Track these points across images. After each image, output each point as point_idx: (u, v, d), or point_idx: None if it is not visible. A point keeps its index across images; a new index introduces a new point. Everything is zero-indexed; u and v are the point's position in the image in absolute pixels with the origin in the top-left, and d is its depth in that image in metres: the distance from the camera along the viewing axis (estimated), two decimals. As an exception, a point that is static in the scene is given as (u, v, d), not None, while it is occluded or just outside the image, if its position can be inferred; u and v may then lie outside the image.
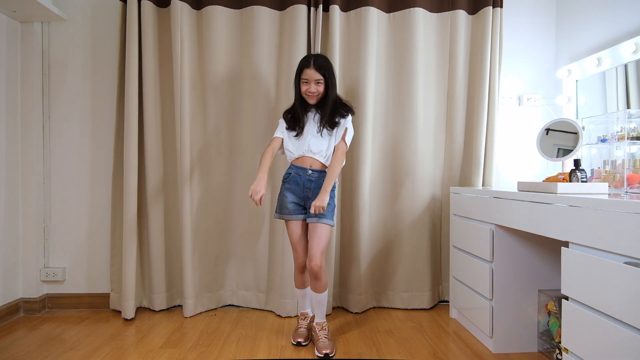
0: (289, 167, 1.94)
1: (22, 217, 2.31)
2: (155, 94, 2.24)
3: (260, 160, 1.88)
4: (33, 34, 2.29)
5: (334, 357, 1.77)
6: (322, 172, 1.89)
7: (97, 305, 2.39)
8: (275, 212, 1.95)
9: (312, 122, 1.93)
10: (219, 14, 2.25)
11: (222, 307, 2.41)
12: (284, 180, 1.93)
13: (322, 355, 1.76)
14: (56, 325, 2.14)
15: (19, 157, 2.30)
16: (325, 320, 1.91)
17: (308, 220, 1.88)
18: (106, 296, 2.37)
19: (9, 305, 2.22)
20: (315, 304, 1.91)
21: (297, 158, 1.92)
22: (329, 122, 1.89)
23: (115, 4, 2.30)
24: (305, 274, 1.95)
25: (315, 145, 1.89)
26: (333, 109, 1.90)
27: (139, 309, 2.33)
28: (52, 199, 2.39)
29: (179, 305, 2.38)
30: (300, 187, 1.89)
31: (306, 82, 1.88)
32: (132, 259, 2.20)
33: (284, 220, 1.95)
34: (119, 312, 2.28)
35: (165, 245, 2.32)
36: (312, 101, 1.90)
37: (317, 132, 1.90)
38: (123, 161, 2.22)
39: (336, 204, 2.07)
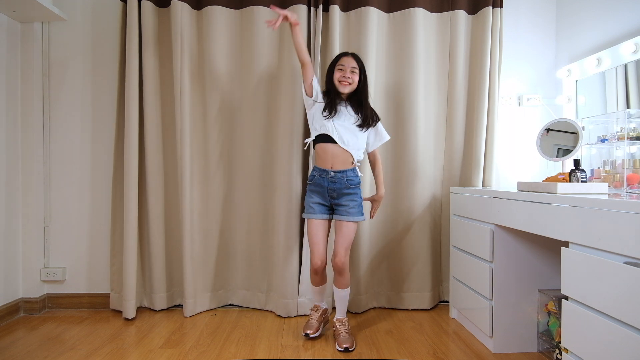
0: (313, 170, 1.98)
1: (22, 217, 2.31)
2: (155, 94, 2.25)
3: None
4: (33, 34, 2.29)
5: (336, 358, 1.77)
6: (343, 172, 1.91)
7: (97, 305, 2.39)
8: (304, 213, 2.00)
9: (344, 114, 1.94)
10: (219, 14, 2.26)
11: (222, 306, 2.41)
12: (309, 182, 1.98)
13: (342, 349, 1.82)
14: (56, 325, 2.14)
15: (19, 157, 2.30)
16: (345, 316, 1.97)
17: (335, 217, 1.94)
18: (106, 296, 2.37)
19: (9, 305, 2.22)
20: (337, 300, 1.97)
21: (320, 154, 1.93)
22: (365, 119, 1.93)
23: (116, 4, 2.30)
24: (321, 274, 1.96)
25: (349, 138, 1.91)
26: (367, 109, 1.96)
27: (140, 309, 2.33)
28: (52, 199, 2.39)
29: (179, 305, 2.39)
30: (324, 189, 1.92)
31: (341, 69, 1.92)
32: (133, 258, 2.20)
33: (306, 220, 2.00)
34: (119, 312, 2.28)
35: (166, 244, 2.32)
36: (345, 90, 1.92)
37: (353, 124, 1.92)
38: (123, 161, 2.23)
39: None
